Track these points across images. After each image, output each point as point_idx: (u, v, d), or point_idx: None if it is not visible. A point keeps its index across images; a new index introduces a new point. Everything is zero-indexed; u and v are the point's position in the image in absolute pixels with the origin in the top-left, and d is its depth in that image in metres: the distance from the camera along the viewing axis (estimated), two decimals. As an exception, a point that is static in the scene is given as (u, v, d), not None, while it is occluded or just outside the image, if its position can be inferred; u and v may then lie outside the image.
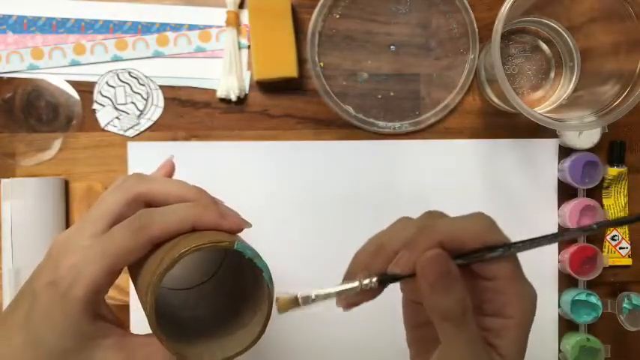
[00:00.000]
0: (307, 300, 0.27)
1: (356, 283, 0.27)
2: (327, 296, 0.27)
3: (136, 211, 0.30)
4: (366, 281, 0.27)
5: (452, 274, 0.26)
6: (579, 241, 0.53)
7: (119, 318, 0.32)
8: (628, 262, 0.54)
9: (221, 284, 0.36)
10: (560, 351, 0.53)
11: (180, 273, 0.35)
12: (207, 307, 0.35)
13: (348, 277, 0.29)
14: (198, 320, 0.34)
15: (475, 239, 0.27)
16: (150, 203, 0.31)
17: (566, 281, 0.54)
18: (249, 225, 0.32)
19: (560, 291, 0.54)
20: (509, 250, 0.26)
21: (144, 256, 0.29)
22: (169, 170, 0.39)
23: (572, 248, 0.52)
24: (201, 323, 0.33)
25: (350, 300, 0.28)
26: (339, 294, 0.27)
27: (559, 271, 0.54)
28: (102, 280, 0.28)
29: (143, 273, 0.29)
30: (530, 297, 0.27)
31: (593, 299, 0.51)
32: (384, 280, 0.27)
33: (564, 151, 0.53)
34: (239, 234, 0.32)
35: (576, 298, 0.51)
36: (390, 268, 0.27)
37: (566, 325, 0.54)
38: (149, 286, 0.27)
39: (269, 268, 0.29)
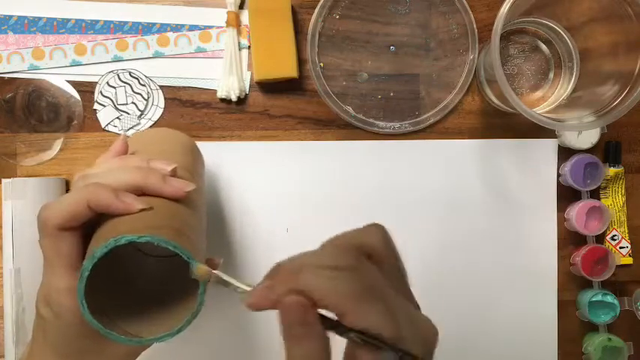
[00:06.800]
0: (220, 280, 0.28)
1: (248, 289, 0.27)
2: (234, 287, 0.28)
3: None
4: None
5: (308, 326, 0.25)
6: (589, 242, 0.53)
7: None
8: (629, 261, 0.54)
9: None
10: (583, 353, 0.53)
11: None
12: (163, 280, 0.36)
13: (265, 278, 0.28)
14: (148, 293, 0.34)
15: (335, 307, 0.25)
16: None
17: (581, 283, 0.54)
18: (192, 186, 0.33)
19: (576, 294, 0.54)
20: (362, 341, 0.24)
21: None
22: (121, 152, 0.36)
23: (583, 250, 0.52)
24: (150, 297, 0.33)
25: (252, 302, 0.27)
26: (237, 288, 0.28)
27: (573, 274, 0.54)
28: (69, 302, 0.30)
29: (92, 242, 0.30)
30: None
31: (610, 298, 0.51)
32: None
33: (563, 151, 0.54)
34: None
35: (593, 299, 0.51)
36: (248, 296, 0.26)
37: (587, 327, 0.54)
38: (82, 271, 0.28)
39: (189, 252, 0.29)
